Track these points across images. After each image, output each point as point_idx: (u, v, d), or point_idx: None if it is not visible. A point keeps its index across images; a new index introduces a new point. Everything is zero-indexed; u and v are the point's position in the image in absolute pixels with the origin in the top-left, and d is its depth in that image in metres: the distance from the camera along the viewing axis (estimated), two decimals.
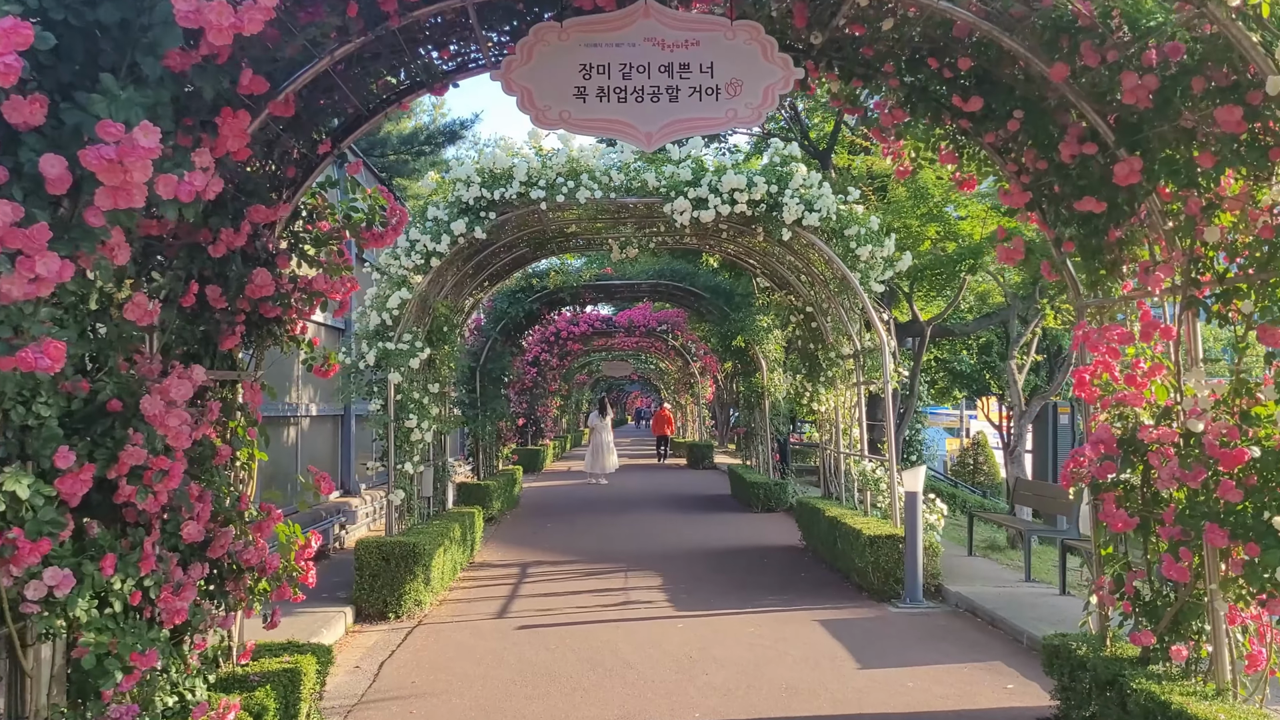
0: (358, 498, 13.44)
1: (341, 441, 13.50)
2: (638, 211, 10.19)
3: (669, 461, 30.84)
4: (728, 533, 13.55)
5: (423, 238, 9.10)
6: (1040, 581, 9.09)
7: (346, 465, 13.60)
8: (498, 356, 16.04)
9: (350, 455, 13.67)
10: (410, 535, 9.10)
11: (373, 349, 9.01)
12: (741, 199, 9.02)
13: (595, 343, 30.20)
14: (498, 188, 9.08)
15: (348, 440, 13.60)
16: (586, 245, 11.88)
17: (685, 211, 9.08)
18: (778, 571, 10.48)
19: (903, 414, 15.73)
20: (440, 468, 11.52)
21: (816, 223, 9.13)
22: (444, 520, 10.44)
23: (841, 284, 9.98)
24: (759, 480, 15.93)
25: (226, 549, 4.56)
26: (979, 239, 11.24)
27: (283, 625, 8.23)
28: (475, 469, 16.38)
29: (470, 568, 11.21)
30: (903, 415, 15.74)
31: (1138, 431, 4.62)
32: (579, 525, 14.73)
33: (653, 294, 17.65)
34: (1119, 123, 4.42)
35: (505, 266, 11.69)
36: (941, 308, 15.50)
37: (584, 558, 11.73)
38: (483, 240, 9.86)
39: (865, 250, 9.26)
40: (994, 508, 17.96)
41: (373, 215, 5.57)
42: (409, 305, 9.21)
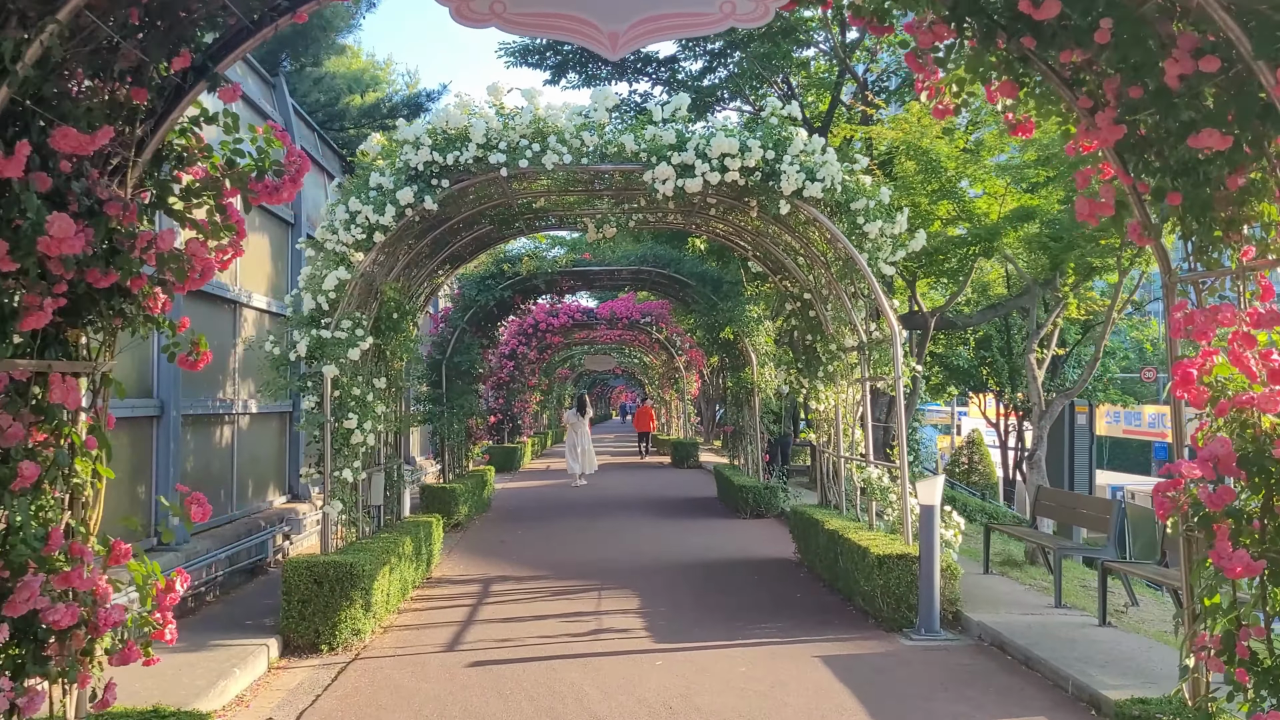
0: (307, 503, 12.17)
1: (289, 441, 12.23)
2: (615, 182, 8.97)
3: (651, 459, 29.69)
4: (714, 542, 12.36)
5: (364, 209, 7.86)
6: (1073, 608, 7.94)
7: (295, 468, 12.33)
8: (466, 348, 14.78)
9: (299, 456, 12.38)
10: (348, 553, 7.86)
11: (305, 337, 7.77)
12: (733, 166, 7.82)
13: (576, 335, 29.01)
14: (451, 151, 7.84)
15: (296, 440, 12.32)
16: (559, 223, 10.65)
17: (668, 180, 7.87)
18: (770, 591, 9.29)
19: None
20: (393, 472, 10.27)
21: (819, 194, 7.94)
22: (395, 533, 9.21)
23: (845, 266, 8.80)
24: (748, 483, 14.75)
25: (31, 603, 3.32)
26: (995, 219, 10.07)
27: (191, 661, 7.02)
28: (442, 470, 15.13)
29: (426, 584, 9.99)
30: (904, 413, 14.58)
31: (1272, 446, 3.43)
32: (552, 532, 13.51)
33: (635, 282, 16.43)
34: (1261, 26, 3.23)
35: (467, 247, 10.44)
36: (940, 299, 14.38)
37: (554, 572, 10.52)
38: (436, 213, 8.61)
39: (874, 227, 8.08)
40: (997, 513, 16.85)
41: (263, 162, 4.34)
42: (349, 287, 7.97)
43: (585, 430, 20.39)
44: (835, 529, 8.83)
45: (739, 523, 14.21)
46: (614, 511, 15.81)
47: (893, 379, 8.21)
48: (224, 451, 10.31)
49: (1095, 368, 10.25)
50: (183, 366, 4.14)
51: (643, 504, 16.88)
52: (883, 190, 8.15)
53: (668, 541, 12.47)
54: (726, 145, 7.74)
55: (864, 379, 9.16)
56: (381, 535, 9.08)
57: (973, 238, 10.07)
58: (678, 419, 32.99)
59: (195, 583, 8.59)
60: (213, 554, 8.91)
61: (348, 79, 18.72)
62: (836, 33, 14.07)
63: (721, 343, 15.96)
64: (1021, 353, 22.44)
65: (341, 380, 8.00)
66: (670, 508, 16.26)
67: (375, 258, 8.21)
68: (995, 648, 7.11)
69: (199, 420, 9.58)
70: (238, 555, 9.59)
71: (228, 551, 9.29)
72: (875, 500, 8.87)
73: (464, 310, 14.96)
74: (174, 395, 8.56)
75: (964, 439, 31.05)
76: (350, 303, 8.16)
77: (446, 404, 14.75)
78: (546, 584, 9.93)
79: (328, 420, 7.91)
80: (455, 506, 13.80)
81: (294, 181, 4.40)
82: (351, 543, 8.52)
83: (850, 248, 8.05)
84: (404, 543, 8.94)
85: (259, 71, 12.20)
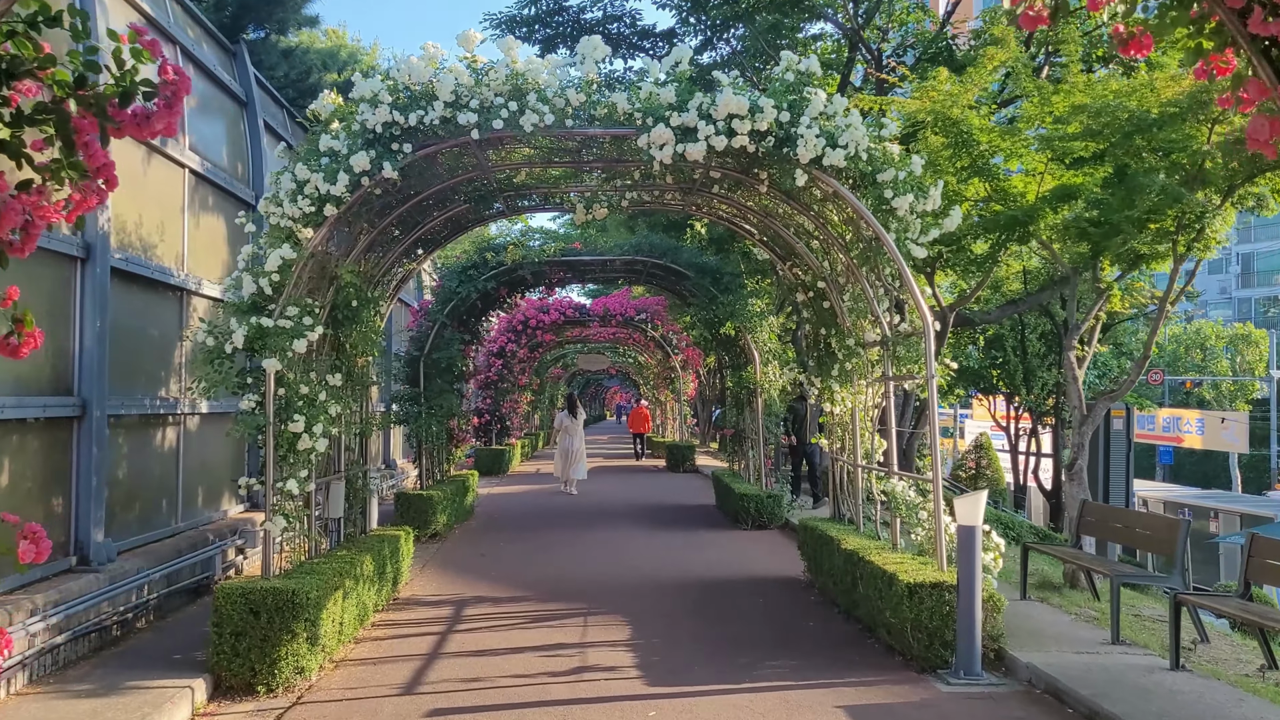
0: None
1: (248, 445, 11.10)
2: (605, 151, 7.87)
3: (646, 462, 28.62)
4: (713, 558, 11.26)
5: (313, 177, 6.75)
6: (1133, 644, 6.86)
7: (254, 474, 11.20)
8: (446, 344, 13.67)
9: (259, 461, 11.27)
10: (294, 577, 6.76)
11: (243, 326, 6.66)
12: (742, 129, 6.72)
13: (568, 333, 27.96)
14: (415, 110, 6.74)
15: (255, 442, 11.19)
16: (543, 202, 9.54)
17: (667, 145, 6.77)
18: (778, 619, 8.20)
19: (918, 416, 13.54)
20: (358, 480, 9.17)
21: (841, 163, 6.85)
22: (354, 550, 8.11)
23: (869, 249, 7.71)
24: (749, 492, 13.65)
25: None
26: (1033, 199, 8.99)
27: (96, 709, 5.85)
28: (420, 475, 14.02)
29: (392, 606, 8.89)
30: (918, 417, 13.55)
31: None
32: (536, 545, 12.40)
33: (629, 274, 15.32)
34: None
35: (441, 229, 9.33)
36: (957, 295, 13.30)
37: (536, 593, 9.42)
38: (400, 186, 7.52)
39: (904, 202, 6.99)
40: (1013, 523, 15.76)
41: (128, 79, 3.23)
42: (296, 268, 6.86)
43: (579, 433, 18.91)
44: (854, 549, 7.74)
45: (740, 535, 13.11)
46: (604, 521, 14.70)
47: (923, 378, 7.13)
48: (167, 456, 9.19)
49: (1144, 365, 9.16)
50: (2, 353, 3.02)
51: (635, 512, 15.78)
52: (914, 160, 7.06)
53: (662, 556, 11.38)
54: (735, 104, 6.65)
55: (886, 378, 8.07)
56: (338, 553, 7.98)
57: (1006, 221, 8.98)
58: (673, 421, 31.88)
59: (122, 608, 7.48)
60: (145, 574, 7.80)
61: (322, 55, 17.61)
62: None
63: (721, 339, 14.87)
64: (1017, 353, 21.48)
65: (287, 377, 6.89)
66: (665, 517, 15.16)
67: (328, 235, 7.10)
68: (1050, 696, 6.02)
69: (134, 422, 8.46)
70: (178, 573, 8.48)
71: (165, 570, 8.18)
72: (899, 516, 7.79)
73: (444, 303, 13.86)
74: (98, 393, 7.45)
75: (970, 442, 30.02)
76: (299, 287, 7.05)
77: (424, 404, 13.64)
78: (527, 607, 8.83)
79: (269, 423, 6.80)
80: (432, 515, 12.70)
81: (170, 108, 3.29)
82: (300, 563, 7.42)
83: (877, 226, 6.96)
84: (363, 562, 7.84)
85: (216, 37, 11.10)
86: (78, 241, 7.30)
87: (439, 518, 12.85)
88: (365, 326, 8.29)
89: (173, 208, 9.31)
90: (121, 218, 8.18)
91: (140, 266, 8.40)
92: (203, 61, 10.19)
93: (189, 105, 9.78)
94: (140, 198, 8.57)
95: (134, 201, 8.43)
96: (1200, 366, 57.23)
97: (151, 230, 8.79)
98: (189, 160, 9.52)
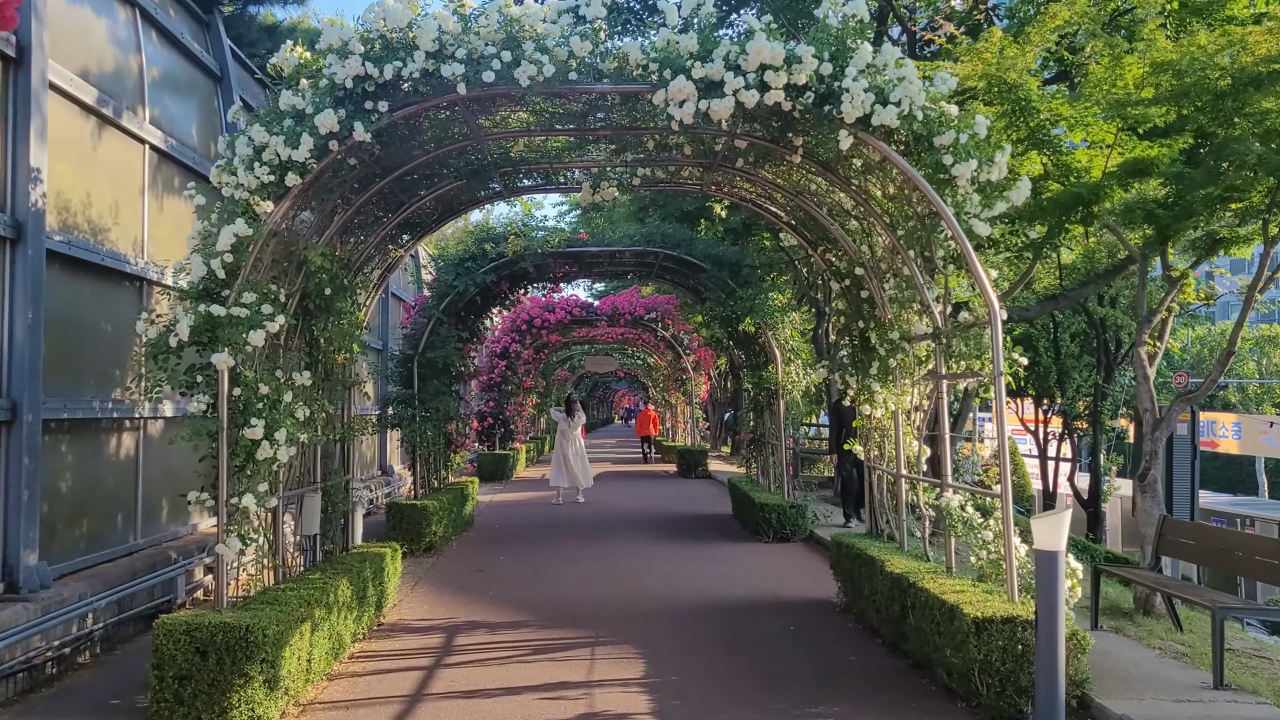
0: None
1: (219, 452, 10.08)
2: (614, 117, 6.85)
3: (656, 467, 27.63)
4: (733, 575, 10.22)
5: (273, 140, 5.75)
6: (1240, 690, 5.80)
7: None
8: (442, 342, 12.66)
9: None
10: (251, 609, 5.76)
11: (190, 314, 5.66)
12: (777, 82, 5.70)
13: (575, 333, 26.98)
14: (392, 61, 5.73)
15: None
16: (545, 181, 8.53)
17: (688, 101, 5.75)
18: (814, 652, 7.16)
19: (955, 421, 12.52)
20: (336, 491, 8.18)
21: (894, 122, 5.82)
22: (329, 573, 7.11)
23: (917, 228, 6.68)
24: (770, 501, 12.61)
25: None
26: (1098, 175, 7.95)
27: None
28: (414, 483, 13.01)
29: (375, 633, 7.88)
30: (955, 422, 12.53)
31: None
32: (539, 559, 11.38)
33: (639, 267, 14.27)
34: None
35: (430, 210, 8.33)
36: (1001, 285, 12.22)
37: (537, 617, 8.40)
38: (379, 156, 6.52)
39: (966, 169, 5.96)
40: None
41: None
42: (254, 248, 5.86)
43: (576, 437, 17.51)
44: (902, 574, 6.70)
45: (761, 548, 12.07)
46: (613, 531, 13.67)
47: (989, 376, 6.09)
48: (123, 465, 8.20)
49: (1227, 361, 8.11)
50: None
51: (646, 522, 14.73)
52: (978, 120, 6.02)
53: (677, 574, 10.34)
54: (768, 53, 5.63)
55: (939, 375, 7.03)
56: (311, 576, 6.98)
57: (1068, 199, 7.93)
58: (684, 424, 30.84)
59: (58, 642, 6.49)
60: (88, 601, 6.82)
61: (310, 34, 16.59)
62: None
63: (739, 337, 13.83)
64: (1051, 353, 20.39)
65: (244, 374, 5.89)
66: (678, 527, 14.12)
67: (292, 209, 6.09)
68: None
69: (80, 427, 7.47)
70: (132, 598, 7.50)
71: (115, 595, 7.19)
72: (955, 535, 6.74)
73: (440, 298, 12.85)
74: (30, 395, 6.46)
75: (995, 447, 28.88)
76: (259, 270, 6.05)
77: (419, 407, 12.64)
78: (526, 635, 7.81)
79: (222, 429, 5.80)
80: (427, 527, 11.70)
81: None
82: (264, 590, 6.42)
83: (934, 197, 5.92)
84: (338, 586, 6.83)
85: (188, 6, 10.12)
86: (4, 219, 6.32)
87: (434, 529, 11.85)
88: (342, 318, 7.29)
89: (130, 187, 8.33)
90: (64, 195, 7.19)
91: (87, 251, 7.42)
92: (168, 28, 9.21)
93: (151, 75, 8.81)
94: (88, 173, 7.59)
95: (80, 177, 7.44)
96: None
97: (103, 211, 7.80)
98: (149, 135, 8.54)
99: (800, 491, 14.24)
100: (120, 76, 8.26)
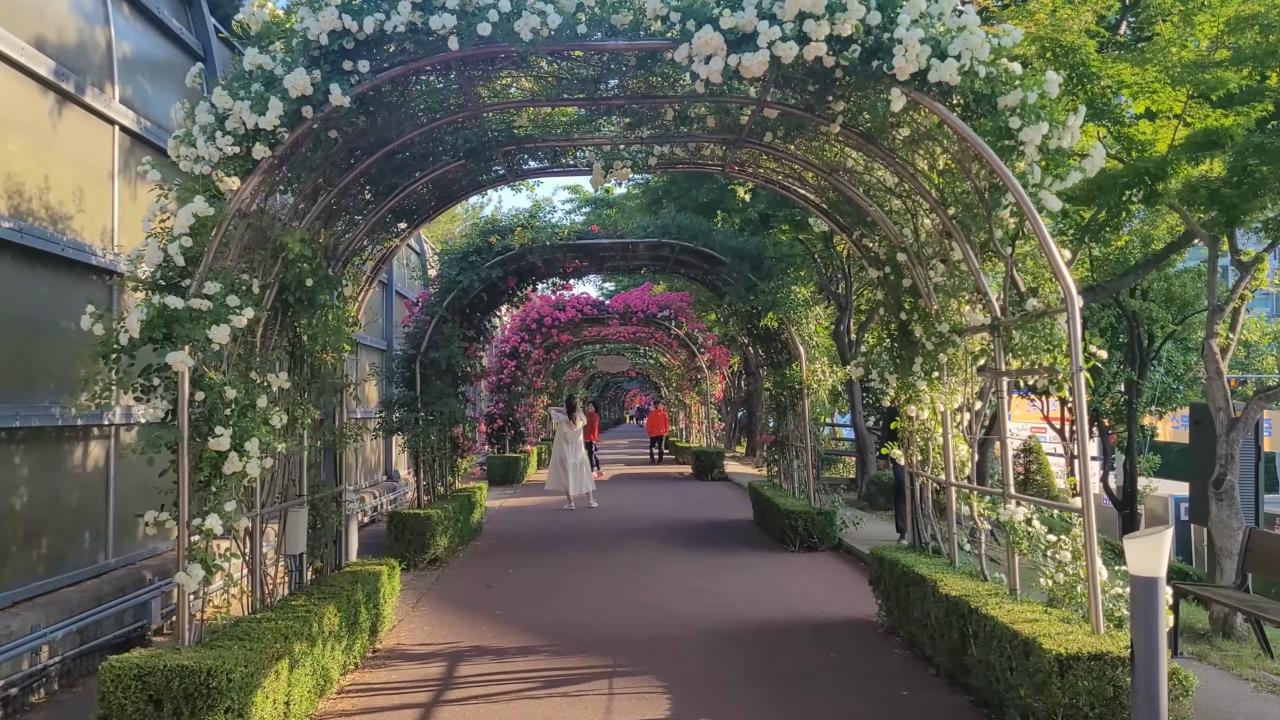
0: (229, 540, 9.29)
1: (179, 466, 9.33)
2: (629, 83, 6.07)
3: (671, 468, 26.87)
4: (761, 592, 9.42)
5: (237, 106, 5.00)
6: None
7: None
8: (445, 341, 11.91)
9: None
10: (215, 648, 5.01)
11: (142, 307, 4.91)
12: (818, 34, 4.91)
13: (586, 333, 26.22)
14: (372, 13, 4.97)
15: None
16: (551, 164, 7.76)
17: (715, 56, 4.96)
18: (861, 685, 6.36)
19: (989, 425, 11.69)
20: (327, 505, 7.43)
21: (954, 78, 5.03)
22: (315, 598, 6.37)
23: (975, 206, 5.88)
24: (797, 508, 11.80)
25: None
26: (1163, 149, 7.14)
27: None
28: (418, 491, 12.26)
29: (370, 661, 7.13)
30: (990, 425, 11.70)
31: None
32: (551, 573, 10.60)
33: (654, 260, 13.47)
34: None
35: (426, 197, 7.56)
36: None
37: (548, 641, 7.63)
38: (360, 127, 5.75)
39: (1035, 134, 5.16)
40: None
41: None
42: (217, 230, 5.10)
43: (577, 440, 16.39)
44: (961, 596, 5.90)
45: (787, 559, 11.27)
46: (629, 541, 12.88)
47: (1066, 372, 5.28)
48: (90, 478, 7.46)
49: None
50: None
51: (663, 529, 13.94)
52: (1049, 76, 5.23)
53: (700, 589, 9.54)
54: (808, 0, 4.84)
55: (999, 372, 6.22)
56: (295, 602, 6.23)
57: (1130, 176, 7.12)
58: (698, 425, 30.05)
59: (4, 681, 5.74)
60: (42, 633, 6.07)
61: None
62: None
63: (760, 334, 13.03)
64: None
65: (209, 376, 5.14)
66: (698, 535, 13.32)
67: (262, 187, 5.34)
68: None
69: (37, 436, 6.73)
70: (97, 627, 6.76)
71: (75, 624, 6.45)
72: (1018, 552, 5.93)
73: (444, 294, 12.10)
74: None
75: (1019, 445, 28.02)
76: (226, 256, 5.30)
77: (422, 409, 11.90)
78: (536, 663, 7.03)
79: (183, 439, 5.05)
80: (431, 538, 10.95)
81: None
82: (238, 622, 5.67)
83: (1002, 166, 5.12)
84: (324, 614, 6.08)
85: None
86: None
87: (439, 541, 11.10)
88: (328, 313, 6.53)
89: (97, 171, 7.59)
90: (15, 178, 6.45)
91: (44, 240, 6.67)
92: (142, 2, 8.48)
93: (121, 51, 8.08)
94: (45, 155, 6.85)
95: (35, 159, 6.71)
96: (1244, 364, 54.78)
97: (64, 197, 7.07)
98: (119, 115, 7.80)
99: (826, 495, 13.44)
100: (84, 50, 7.52)
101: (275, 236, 5.77)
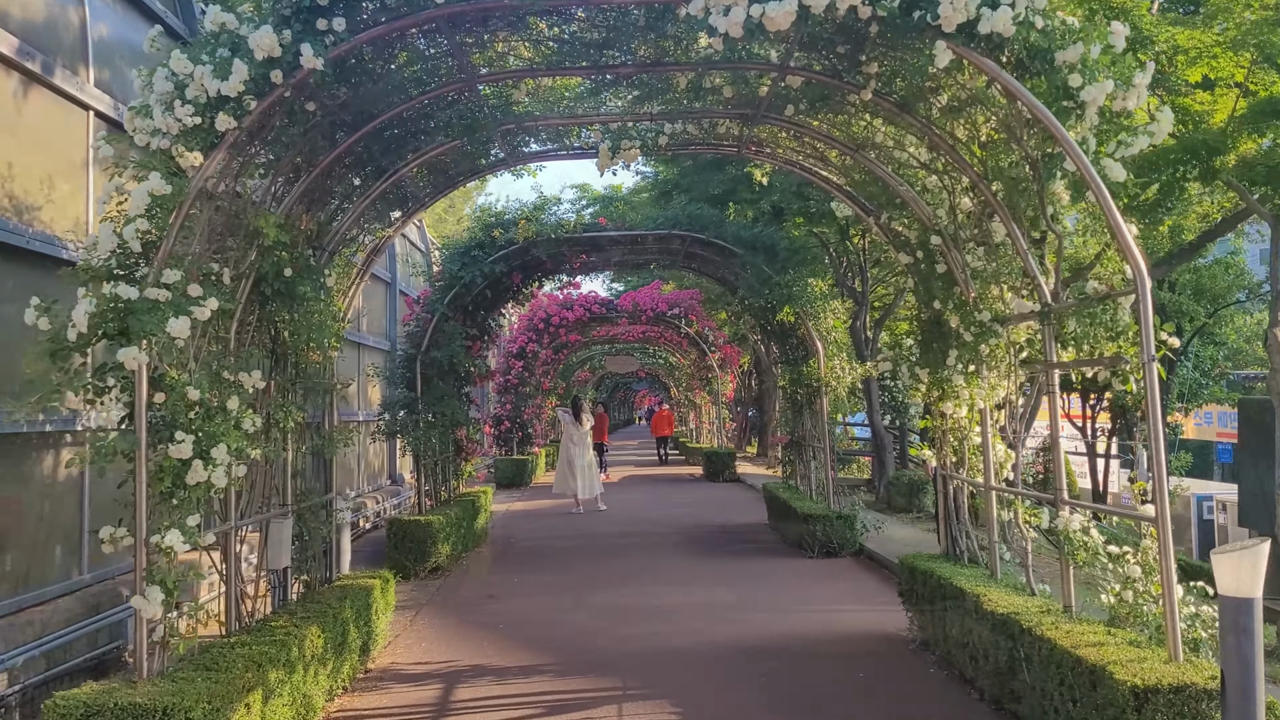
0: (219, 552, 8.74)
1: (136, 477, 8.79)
2: (638, 48, 5.50)
3: (681, 469, 26.35)
4: (781, 603, 8.83)
5: (198, 70, 4.45)
6: None
7: None
8: (447, 340, 11.37)
9: None
10: (177, 680, 4.46)
11: (91, 298, 4.36)
12: None
13: (595, 332, 25.68)
14: None
15: None
16: (554, 146, 7.20)
17: (736, 6, 4.39)
18: (894, 711, 5.77)
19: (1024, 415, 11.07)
20: (316, 515, 6.90)
21: (1008, 28, 4.45)
22: (298, 618, 5.82)
23: (1025, 179, 5.30)
24: (815, 511, 11.21)
25: None
26: (1222, 120, 6.55)
27: None
28: (419, 496, 11.72)
29: (359, 684, 6.58)
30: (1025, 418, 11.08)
31: None
32: (558, 583, 10.04)
33: (663, 253, 12.90)
34: None
35: (420, 181, 7.01)
36: None
37: (554, 659, 7.07)
38: (341, 98, 5.19)
39: (1098, 93, 4.58)
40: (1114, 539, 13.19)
41: None
42: (178, 212, 4.55)
43: (585, 442, 15.85)
44: (1011, 615, 5.31)
45: (807, 565, 10.68)
46: (639, 547, 12.31)
47: (1135, 363, 4.69)
48: (62, 488, 6.92)
49: None
50: None
51: (675, 533, 13.36)
52: (1114, 27, 4.65)
53: (716, 600, 8.97)
54: None
55: (1051, 364, 5.63)
56: (273, 624, 5.69)
57: (1184, 151, 6.53)
58: (709, 425, 29.47)
59: None
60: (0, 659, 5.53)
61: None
62: None
63: (774, 330, 12.46)
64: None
65: (172, 377, 4.59)
66: (711, 540, 12.74)
67: (227, 162, 4.78)
68: None
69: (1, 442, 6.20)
70: (66, 650, 6.22)
71: (40, 648, 5.91)
72: (1075, 564, 5.34)
73: (445, 290, 11.55)
74: None
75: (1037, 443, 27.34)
76: (189, 241, 4.75)
77: (423, 411, 11.36)
78: (541, 686, 6.47)
79: (140, 446, 4.50)
80: (432, 546, 10.41)
81: None
82: (207, 648, 5.12)
83: (1061, 131, 4.54)
84: (305, 636, 5.53)
85: None
86: None
87: (440, 549, 10.55)
88: (312, 306, 5.99)
89: (69, 160, 7.06)
90: None
91: (7, 232, 6.14)
92: None
93: (97, 32, 7.55)
94: (7, 141, 6.32)
95: None
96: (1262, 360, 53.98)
97: (30, 186, 6.53)
98: (94, 100, 7.26)
99: (844, 497, 12.86)
100: (54, 28, 6.99)
101: (249, 222, 5.22)
